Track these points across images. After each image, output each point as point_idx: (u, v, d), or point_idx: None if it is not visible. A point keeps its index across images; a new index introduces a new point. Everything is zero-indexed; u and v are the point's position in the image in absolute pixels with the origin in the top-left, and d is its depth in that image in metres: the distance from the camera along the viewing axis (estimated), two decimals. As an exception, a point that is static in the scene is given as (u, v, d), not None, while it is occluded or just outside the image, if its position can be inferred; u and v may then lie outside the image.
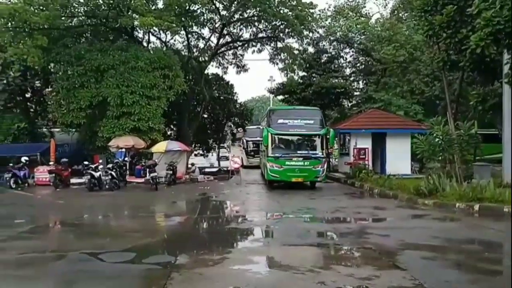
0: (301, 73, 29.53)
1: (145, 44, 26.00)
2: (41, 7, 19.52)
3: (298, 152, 17.12)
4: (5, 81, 22.38)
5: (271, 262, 6.74)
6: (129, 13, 20.88)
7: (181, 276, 6.01)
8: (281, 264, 6.56)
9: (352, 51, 31.48)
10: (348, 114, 28.38)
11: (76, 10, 22.44)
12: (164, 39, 27.71)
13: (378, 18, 33.22)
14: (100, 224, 11.48)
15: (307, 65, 28.70)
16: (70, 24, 22.84)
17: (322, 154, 16.98)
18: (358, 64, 32.51)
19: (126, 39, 23.47)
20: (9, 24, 18.87)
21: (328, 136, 17.13)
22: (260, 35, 28.30)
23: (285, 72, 27.64)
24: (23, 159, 19.43)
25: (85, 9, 22.12)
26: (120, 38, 23.64)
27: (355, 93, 31.13)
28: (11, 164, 19.37)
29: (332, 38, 30.21)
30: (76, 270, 6.35)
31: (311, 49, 30.28)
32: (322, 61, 30.43)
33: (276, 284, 5.64)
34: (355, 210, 11.94)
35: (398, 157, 19.43)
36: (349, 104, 31.29)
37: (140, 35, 26.33)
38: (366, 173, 17.75)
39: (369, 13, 34.08)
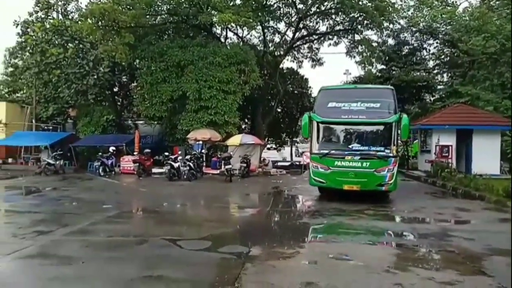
0: (380, 66, 28.51)
1: (222, 40, 26.68)
2: (128, 7, 20.82)
3: (354, 148, 12.27)
4: (96, 76, 24.21)
5: (344, 259, 6.58)
6: (208, 10, 21.52)
7: (255, 267, 6.09)
8: (355, 262, 6.38)
9: (436, 43, 29.62)
10: (430, 109, 26.81)
11: (160, 8, 23.63)
12: (241, 35, 28.21)
13: (466, 7, 30.87)
14: (178, 212, 12.02)
15: (387, 57, 27.60)
16: (154, 22, 24.10)
17: (391, 152, 11.97)
18: (443, 56, 30.52)
19: (205, 36, 24.24)
20: (100, 23, 20.34)
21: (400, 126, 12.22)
22: (337, 27, 27.71)
23: (363, 65, 26.85)
24: (111, 149, 20.98)
25: (168, 7, 23.20)
26: (199, 34, 24.47)
27: (439, 87, 29.34)
28: (100, 154, 20.97)
29: (414, 29, 28.67)
30: (157, 255, 6.71)
31: (391, 41, 29.09)
32: (403, 53, 29.07)
33: (350, 282, 5.50)
34: (436, 211, 11.26)
35: (486, 156, 17.98)
36: (432, 99, 29.58)
37: (218, 31, 27.07)
38: (449, 172, 16.63)
39: (456, 2, 31.82)
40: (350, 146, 12.37)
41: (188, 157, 19.24)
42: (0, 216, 10.74)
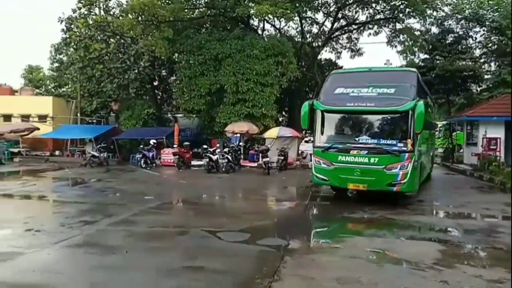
0: (423, 56, 27.52)
1: (260, 32, 26.58)
2: (167, 1, 21.11)
3: (361, 141, 10.57)
4: (136, 71, 24.77)
5: (386, 255, 6.41)
6: (246, 2, 21.48)
7: (294, 260, 6.06)
8: (398, 258, 6.21)
9: (483, 30, 28.17)
10: (476, 100, 25.71)
11: (198, 2, 23.85)
12: (278, 26, 28.01)
13: (516, -9, 29.19)
14: (217, 204, 12.15)
15: (430, 46, 26.57)
16: (192, 15, 24.34)
17: (405, 146, 10.08)
18: (490, 45, 29.01)
19: (242, 28, 24.23)
20: (140, 18, 20.75)
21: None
22: (378, 16, 26.95)
23: (404, 55, 26.07)
24: (152, 141, 21.48)
25: (206, 0, 23.35)
26: (236, 27, 24.50)
27: (486, 77, 27.98)
28: (141, 146, 21.52)
29: (459, 17, 27.36)
30: (197, 245, 6.81)
31: (434, 30, 27.94)
32: (447, 42, 27.83)
33: (392, 279, 5.35)
34: (483, 206, 10.79)
35: (538, 149, 17.06)
36: (478, 89, 28.30)
37: (255, 23, 26.99)
38: (497, 165, 15.88)
39: (504, -13, 30.14)
40: (356, 139, 10.65)
41: (226, 149, 19.38)
42: (49, 206, 11.23)
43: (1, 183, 15.13)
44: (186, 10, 23.13)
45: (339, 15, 26.81)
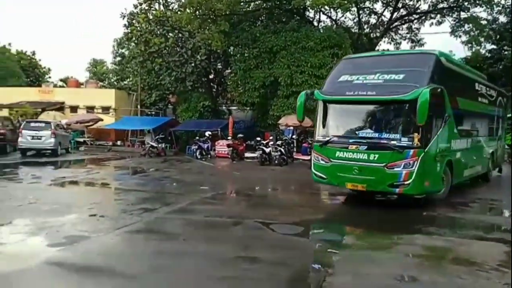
0: (489, 46, 25.93)
1: (315, 23, 26.21)
2: (224, -5, 21.33)
3: (361, 135, 9.35)
4: (193, 64, 25.37)
5: (447, 255, 6.14)
6: (302, -7, 21.24)
7: (348, 256, 5.97)
8: (460, 258, 5.92)
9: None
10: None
11: (253, -5, 23.89)
12: (334, 17, 27.47)
13: None
14: (270, 196, 12.22)
15: (497, 36, 25.00)
16: (248, 9, 24.45)
17: (411, 141, 8.68)
18: None
19: (297, 20, 24.02)
20: (197, 12, 21.17)
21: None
22: (441, 5, 25.67)
23: (470, 45, 24.59)
24: (207, 133, 21.98)
25: (262, -7, 23.37)
26: (292, 19, 24.32)
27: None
28: (197, 138, 22.08)
29: (531, 4, 25.45)
30: (251, 236, 6.90)
31: (502, 18, 26.16)
32: (517, 31, 26.00)
33: (453, 278, 5.12)
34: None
35: None
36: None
37: (311, 15, 26.62)
38: None
39: None
40: (356, 133, 9.45)
41: (279, 142, 19.40)
42: (111, 193, 11.84)
43: (68, 171, 16.16)
44: (242, 4, 23.29)
45: (399, 5, 25.82)
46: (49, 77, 50.78)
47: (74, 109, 31.41)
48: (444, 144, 9.56)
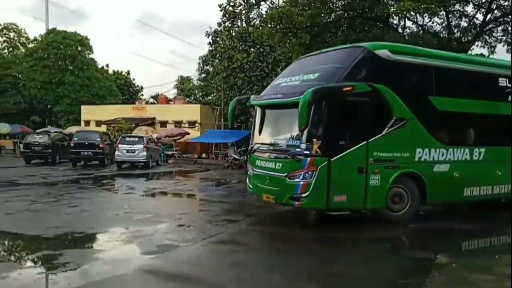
0: None
1: (400, 30, 25.20)
2: (304, 8, 21.42)
3: (275, 142, 8.63)
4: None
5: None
6: (385, 0, 20.60)
7: (443, 276, 5.55)
8: None
9: None
10: None
11: (334, 5, 23.65)
12: (420, 23, 26.18)
13: None
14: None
15: None
16: (328, 19, 24.26)
17: (309, 148, 7.64)
18: None
19: (380, 28, 23.27)
20: (278, 26, 21.46)
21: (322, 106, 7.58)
22: (542, 3, 23.26)
23: None
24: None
25: (343, 3, 23.05)
26: (375, 27, 23.62)
27: None
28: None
29: None
30: (332, 251, 6.70)
31: None
32: None
33: None
34: None
35: None
36: None
37: (395, 22, 25.65)
38: None
39: None
40: (273, 140, 8.68)
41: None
42: (197, 204, 12.30)
43: (158, 182, 17.17)
44: (322, 15, 23.18)
45: (493, 6, 23.86)
46: (142, 95, 54.77)
47: (163, 124, 33.45)
48: (393, 154, 8.12)
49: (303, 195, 7.64)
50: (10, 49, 49.51)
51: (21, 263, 6.04)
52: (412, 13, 21.50)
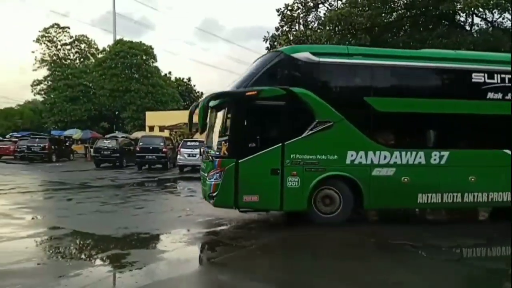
0: None
1: (467, 27, 23.88)
2: (364, 8, 20.97)
3: (208, 144, 9.31)
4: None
5: None
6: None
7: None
8: None
9: None
10: None
11: (396, 4, 22.94)
12: (490, 19, 24.64)
13: None
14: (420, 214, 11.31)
15: None
16: (390, 19, 23.55)
17: (219, 150, 8.12)
18: None
19: (446, 26, 22.20)
20: (336, 28, 21.17)
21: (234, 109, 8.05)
22: None
23: None
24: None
25: (405, 1, 22.31)
26: (440, 25, 22.58)
27: None
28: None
29: None
30: (391, 258, 6.45)
31: None
32: None
33: None
34: None
35: None
36: None
37: (462, 19, 24.35)
38: None
39: None
40: (208, 142, 9.40)
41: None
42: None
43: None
44: (383, 15, 22.56)
45: None
46: (202, 100, 56.31)
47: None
48: (316, 156, 7.98)
49: (214, 194, 8.04)
50: (82, 59, 53.09)
51: (92, 261, 6.41)
52: (480, 9, 20.32)
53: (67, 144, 34.51)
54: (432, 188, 8.44)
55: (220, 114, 8.44)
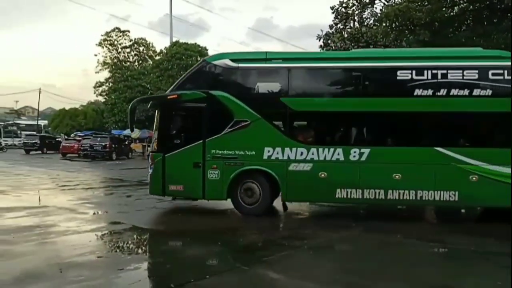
0: None
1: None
2: (423, 2, 20.15)
3: None
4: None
5: None
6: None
7: None
8: None
9: None
10: None
11: (458, -2, 21.85)
12: None
13: None
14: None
15: None
16: (451, 13, 22.45)
17: (152, 145, 10.74)
18: None
19: (512, 19, 20.80)
20: (394, 24, 20.48)
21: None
22: None
23: None
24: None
25: (468, -5, 21.18)
26: (505, 19, 21.21)
27: None
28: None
29: None
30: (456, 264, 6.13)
31: None
32: None
33: None
34: None
35: None
36: None
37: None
38: None
39: None
40: None
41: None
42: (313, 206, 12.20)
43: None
44: (444, 9, 21.55)
45: None
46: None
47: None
48: (235, 152, 8.90)
49: (149, 183, 9.61)
50: (140, 61, 55.30)
51: (150, 255, 6.64)
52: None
53: (126, 143, 36.12)
54: (351, 184, 8.73)
55: (155, 115, 9.79)
